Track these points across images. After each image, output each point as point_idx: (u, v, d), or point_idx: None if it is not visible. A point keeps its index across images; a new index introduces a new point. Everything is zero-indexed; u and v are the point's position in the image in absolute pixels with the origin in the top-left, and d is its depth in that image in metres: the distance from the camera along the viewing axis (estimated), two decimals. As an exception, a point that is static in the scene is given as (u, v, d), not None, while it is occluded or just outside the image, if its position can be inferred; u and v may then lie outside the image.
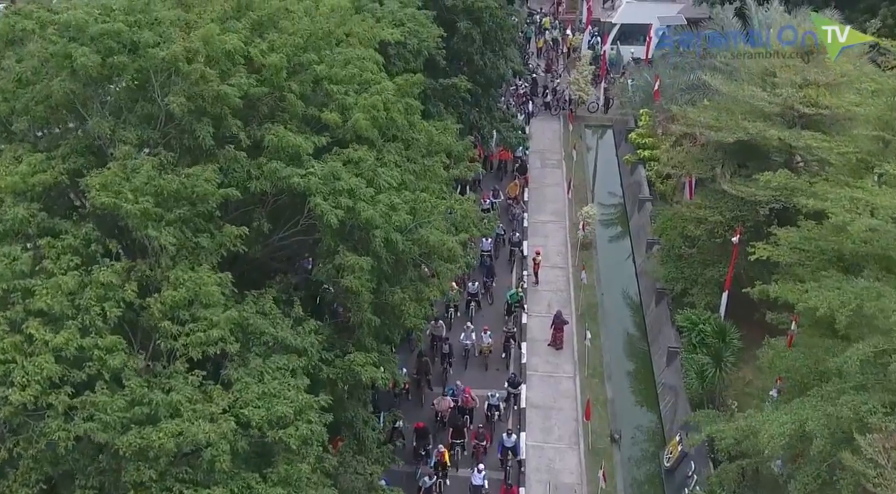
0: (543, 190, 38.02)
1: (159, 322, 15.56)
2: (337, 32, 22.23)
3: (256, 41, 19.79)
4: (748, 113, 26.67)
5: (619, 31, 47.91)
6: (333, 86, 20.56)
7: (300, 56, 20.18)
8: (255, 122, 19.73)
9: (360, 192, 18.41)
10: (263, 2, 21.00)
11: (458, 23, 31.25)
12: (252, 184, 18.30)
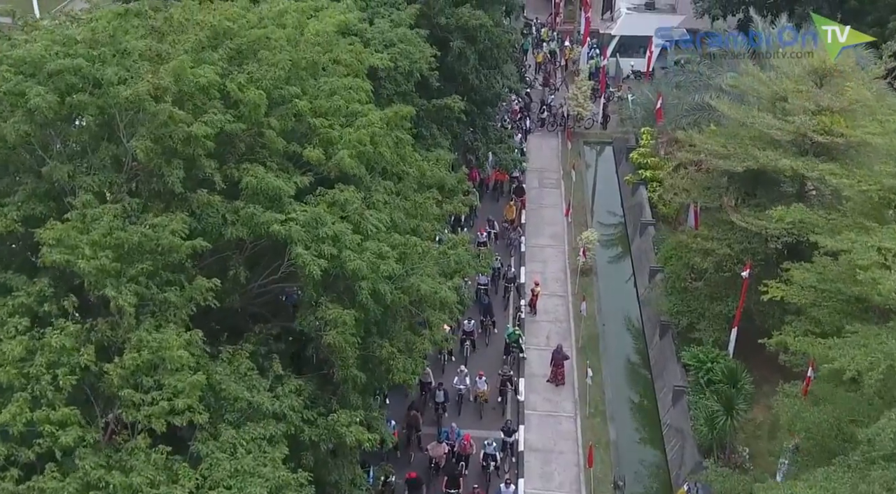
0: (541, 211, 36.57)
1: (119, 390, 14.08)
2: (322, 60, 20.79)
3: (234, 73, 18.34)
4: (757, 139, 25.29)
5: (619, 43, 46.55)
6: (317, 120, 19.12)
7: (281, 89, 18.71)
8: (233, 160, 18.28)
9: (345, 239, 16.95)
10: (242, 30, 19.56)
11: (452, 41, 29.78)
12: (228, 230, 16.83)
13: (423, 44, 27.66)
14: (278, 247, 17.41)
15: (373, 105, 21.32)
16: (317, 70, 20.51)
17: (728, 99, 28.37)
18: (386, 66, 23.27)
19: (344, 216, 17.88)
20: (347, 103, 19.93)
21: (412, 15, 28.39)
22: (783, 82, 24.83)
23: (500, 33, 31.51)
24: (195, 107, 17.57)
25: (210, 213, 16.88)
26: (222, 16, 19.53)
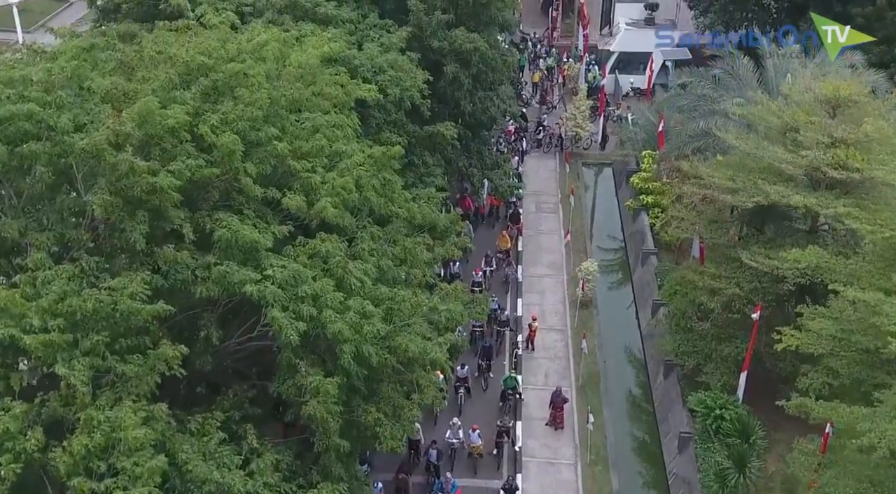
0: (539, 238, 35.16)
1: (68, 479, 12.63)
2: (305, 95, 19.39)
3: (208, 114, 16.91)
4: (766, 171, 23.90)
5: (618, 59, 45.23)
6: (297, 163, 17.71)
7: (259, 130, 17.30)
8: (207, 207, 16.86)
9: (326, 298, 15.53)
10: (219, 64, 18.15)
11: (446, 66, 28.37)
12: (198, 288, 15.39)
13: (415, 69, 26.31)
14: (255, 302, 15.99)
15: (359, 142, 19.98)
16: (299, 105, 19.11)
17: (734, 126, 27.15)
18: (374, 99, 21.85)
19: (326, 269, 16.48)
20: (331, 142, 18.56)
21: (403, 38, 27.05)
22: (794, 113, 23.46)
23: (496, 56, 30.13)
24: (163, 151, 16.16)
25: (178, 270, 15.46)
26: (197, 49, 18.15)
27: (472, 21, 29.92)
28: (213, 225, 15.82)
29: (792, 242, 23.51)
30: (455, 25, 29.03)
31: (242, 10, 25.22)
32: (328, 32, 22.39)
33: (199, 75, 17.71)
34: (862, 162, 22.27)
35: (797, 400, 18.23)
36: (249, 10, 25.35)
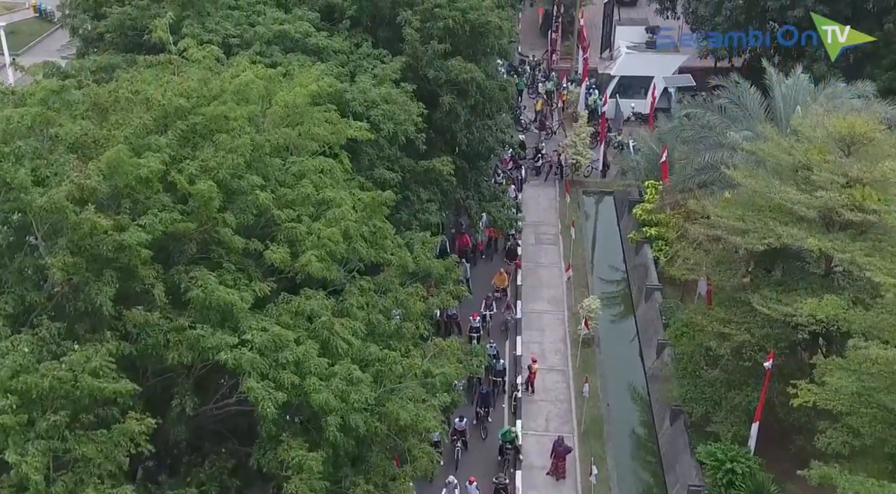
0: (538, 271, 33.98)
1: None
2: (291, 136, 18.27)
3: (186, 162, 15.78)
4: (777, 210, 22.78)
5: (619, 83, 44.24)
6: (282, 212, 16.56)
7: (241, 177, 16.15)
8: (184, 260, 15.70)
9: (310, 365, 14.34)
10: (199, 106, 17.04)
11: (442, 97, 27.28)
12: (170, 354, 14.20)
13: (410, 102, 25.23)
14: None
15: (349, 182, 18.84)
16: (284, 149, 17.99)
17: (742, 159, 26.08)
18: (365, 137, 20.73)
19: (310, 329, 15.30)
20: (318, 189, 17.40)
21: (397, 69, 25.98)
22: (807, 150, 22.35)
23: (494, 86, 29.05)
24: (135, 203, 15.02)
25: (149, 333, 14.27)
26: (175, 91, 17.02)
27: (469, 49, 28.90)
28: (188, 283, 14.65)
29: (805, 285, 22.38)
30: (451, 54, 28.00)
31: (229, 41, 24.14)
32: (317, 68, 21.23)
33: (176, 119, 16.57)
34: (879, 202, 21.17)
35: (820, 471, 16.98)
36: (237, 42, 24.26)
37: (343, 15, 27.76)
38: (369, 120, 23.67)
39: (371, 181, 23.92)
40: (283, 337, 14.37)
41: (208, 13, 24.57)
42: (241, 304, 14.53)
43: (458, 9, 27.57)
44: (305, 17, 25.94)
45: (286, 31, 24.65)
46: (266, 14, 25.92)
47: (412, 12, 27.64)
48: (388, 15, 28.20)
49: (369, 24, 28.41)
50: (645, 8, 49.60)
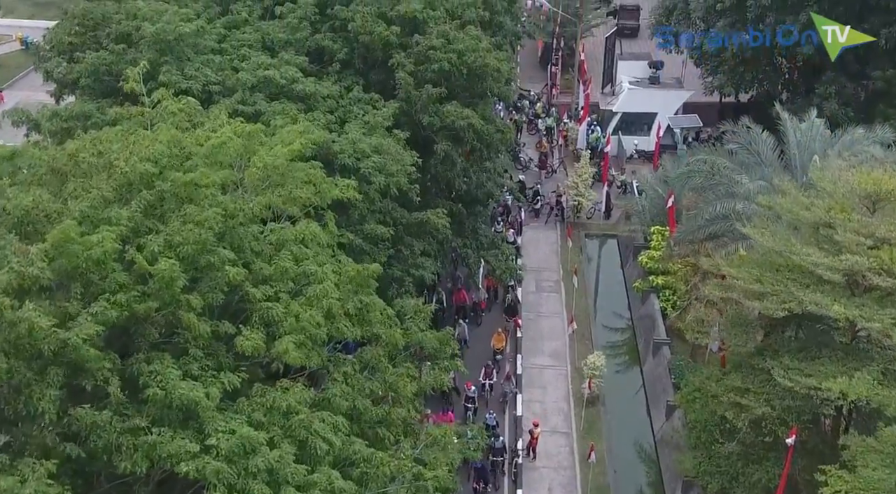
0: (539, 323, 32.29)
1: None
2: (272, 200, 16.70)
3: (147, 238, 14.18)
4: (797, 270, 21.15)
5: (621, 120, 42.82)
6: (257, 290, 14.92)
7: (211, 252, 14.53)
8: (145, 346, 14.05)
9: (285, 473, 12.64)
10: (166, 171, 15.47)
11: (437, 144, 25.75)
12: (122, 462, 12.50)
13: (402, 151, 23.71)
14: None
15: (332, 255, 17.21)
16: (261, 218, 16.41)
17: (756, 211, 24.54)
18: (353, 197, 19.15)
19: (286, 427, 13.61)
20: (298, 262, 15.78)
21: (389, 116, 24.48)
22: (828, 206, 20.77)
23: (491, 130, 27.49)
24: (88, 285, 13.39)
25: (99, 435, 12.58)
26: (142, 155, 15.45)
27: (466, 92, 27.44)
28: (146, 378, 12.99)
29: (829, 353, 20.70)
30: (447, 98, 26.53)
31: (210, 88, 22.63)
32: (301, 123, 19.72)
33: (142, 186, 15.00)
34: (909, 265, 19.57)
35: None
36: (218, 89, 22.74)
37: (333, 57, 26.34)
38: (359, 172, 22.19)
39: (361, 236, 22.43)
40: (253, 440, 12.67)
41: (188, 58, 23.09)
42: (206, 402, 12.86)
43: (454, 51, 26.10)
44: (292, 61, 24.46)
45: (271, 78, 23.15)
46: (251, 58, 24.45)
47: (405, 54, 26.21)
48: (380, 57, 26.76)
49: (360, 66, 26.97)
50: (647, 41, 48.36)
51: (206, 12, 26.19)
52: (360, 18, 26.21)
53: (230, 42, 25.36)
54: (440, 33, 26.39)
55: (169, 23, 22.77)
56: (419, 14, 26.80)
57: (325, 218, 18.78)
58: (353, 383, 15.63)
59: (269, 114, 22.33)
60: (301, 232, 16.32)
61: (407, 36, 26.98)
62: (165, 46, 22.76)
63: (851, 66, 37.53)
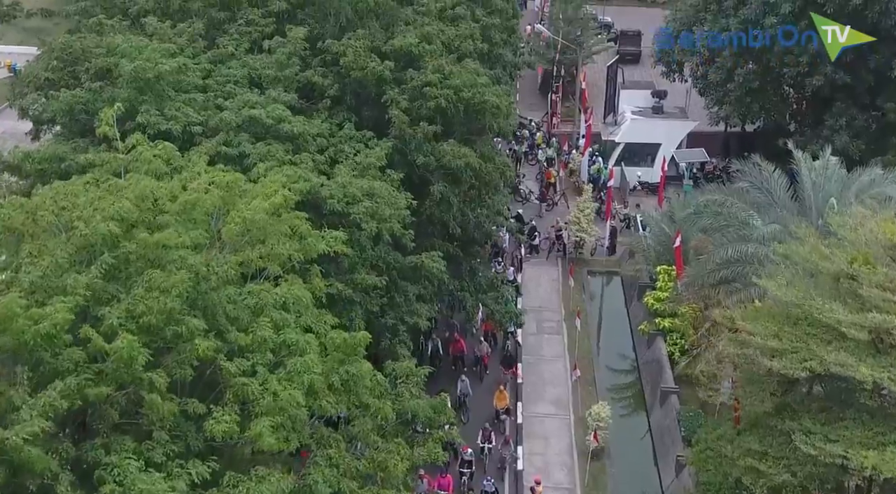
0: (540, 367, 30.81)
1: None
2: (251, 258, 15.34)
3: (107, 310, 12.79)
4: (818, 324, 19.74)
5: (624, 151, 41.59)
6: (231, 364, 13.51)
7: (177, 324, 13.14)
8: (105, 428, 12.62)
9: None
10: (135, 228, 14.12)
11: (433, 185, 24.43)
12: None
13: (396, 193, 22.38)
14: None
15: (317, 319, 15.79)
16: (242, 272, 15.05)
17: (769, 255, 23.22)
18: (340, 250, 17.79)
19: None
20: (278, 329, 14.37)
21: (382, 156, 23.17)
22: (852, 260, 19.39)
23: (491, 169, 26.20)
24: (37, 365, 11.98)
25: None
26: (107, 213, 14.09)
27: (463, 127, 26.18)
28: (101, 472, 11.55)
29: (853, 415, 19.27)
30: (444, 135, 25.27)
31: (191, 129, 21.32)
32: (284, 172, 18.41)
33: (104, 248, 13.63)
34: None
35: None
36: (199, 130, 21.43)
37: (323, 94, 25.09)
38: (349, 219, 20.86)
39: (351, 286, 21.06)
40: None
41: (169, 97, 21.79)
42: (168, 501, 11.43)
43: (451, 86, 24.90)
44: (280, 99, 23.19)
45: (257, 117, 21.85)
46: (237, 96, 23.19)
47: (399, 91, 24.98)
48: (373, 92, 25.54)
49: (352, 102, 25.73)
50: (650, 69, 47.30)
51: (191, 46, 24.97)
52: (351, 53, 25.04)
53: (215, 78, 24.12)
54: (436, 68, 25.21)
55: (148, 60, 21.50)
56: (414, 48, 25.66)
57: (311, 272, 17.49)
58: (339, 462, 14.18)
59: (253, 157, 21.04)
60: (283, 295, 14.94)
61: (401, 70, 25.82)
62: (144, 84, 21.47)
63: (862, 97, 36.40)
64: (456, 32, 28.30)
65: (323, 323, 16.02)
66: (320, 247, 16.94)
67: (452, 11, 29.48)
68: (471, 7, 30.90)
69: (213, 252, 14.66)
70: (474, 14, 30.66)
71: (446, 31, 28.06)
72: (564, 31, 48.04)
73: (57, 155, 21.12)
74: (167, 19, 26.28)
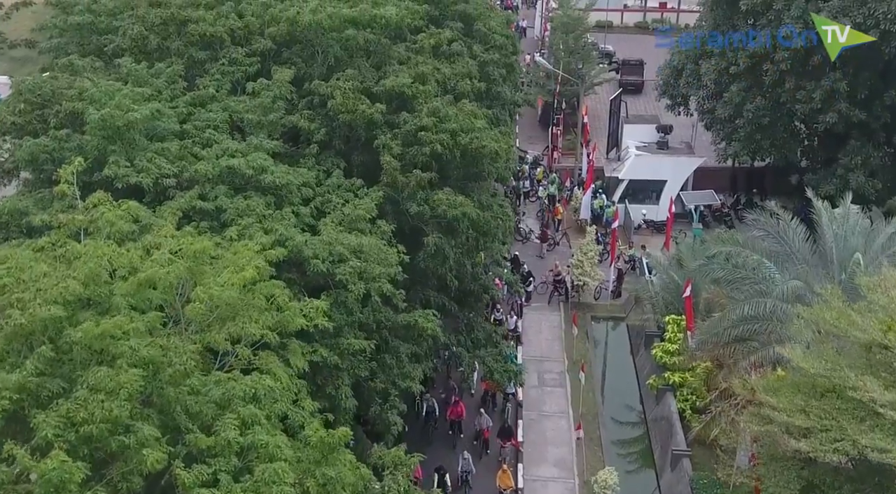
0: (542, 424, 28.92)
1: None
2: (217, 339, 13.60)
3: (39, 418, 11.03)
4: (848, 399, 17.99)
5: (628, 188, 39.96)
6: (188, 473, 11.72)
7: (125, 433, 11.35)
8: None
9: None
10: (73, 318, 12.39)
11: (427, 236, 22.71)
12: None
13: (386, 249, 20.66)
14: None
15: (292, 410, 14.01)
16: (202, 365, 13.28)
17: (789, 312, 21.49)
18: (321, 324, 16.06)
19: None
20: (246, 428, 12.59)
21: (372, 209, 21.48)
22: (886, 328, 17.66)
23: (489, 218, 24.49)
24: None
25: None
26: (49, 295, 12.37)
27: (459, 171, 24.54)
28: None
29: None
30: (440, 181, 23.62)
31: (163, 182, 19.64)
32: (257, 240, 16.72)
33: (44, 337, 11.89)
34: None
35: None
36: (173, 184, 19.75)
37: (311, 138, 23.46)
38: (335, 279, 19.15)
39: (337, 352, 19.30)
40: None
41: (140, 146, 20.13)
42: None
43: (447, 130, 23.29)
44: (262, 146, 21.55)
45: (236, 168, 20.17)
46: (217, 142, 21.54)
47: (392, 135, 23.35)
48: (363, 136, 23.92)
49: (341, 147, 24.10)
50: (653, 101, 45.77)
51: (169, 88, 23.36)
52: (340, 95, 23.43)
53: (194, 122, 22.48)
54: (431, 110, 23.60)
55: (118, 106, 19.87)
56: (407, 89, 24.06)
57: (289, 349, 15.77)
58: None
59: (231, 212, 19.36)
60: (252, 385, 13.15)
61: (394, 112, 24.23)
62: (114, 133, 19.82)
63: (878, 134, 34.87)
64: (452, 71, 26.72)
65: (301, 410, 14.26)
66: (298, 323, 15.21)
67: (448, 48, 27.90)
68: (468, 43, 29.35)
69: (172, 339, 12.89)
70: (471, 50, 29.11)
71: (442, 69, 26.50)
72: (565, 62, 46.58)
73: (18, 209, 19.48)
74: (145, 58, 24.72)
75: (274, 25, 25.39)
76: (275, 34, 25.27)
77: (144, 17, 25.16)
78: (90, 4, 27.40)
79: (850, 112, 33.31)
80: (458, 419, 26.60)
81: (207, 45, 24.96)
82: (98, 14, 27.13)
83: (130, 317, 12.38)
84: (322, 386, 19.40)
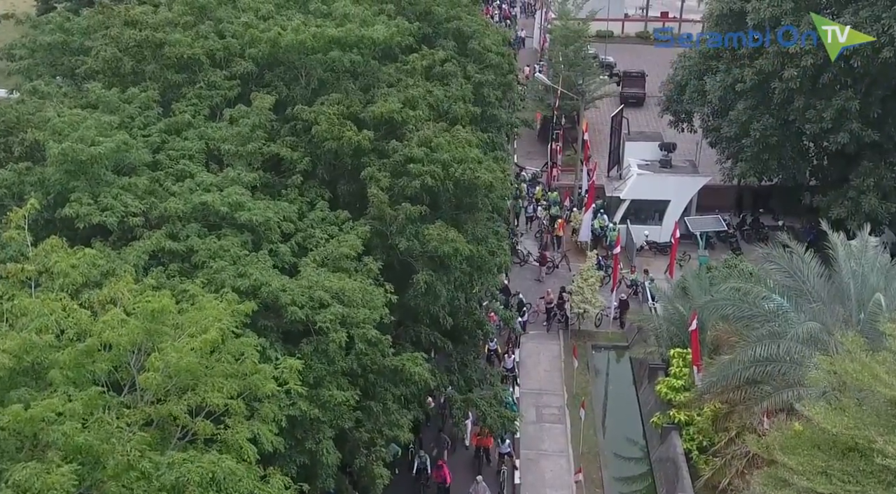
0: (540, 464, 27.40)
1: None
2: (174, 411, 12.12)
3: None
4: (872, 459, 16.52)
5: (630, 208, 38.49)
6: None
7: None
8: None
9: None
10: (16, 385, 10.94)
11: (418, 274, 21.19)
12: None
13: (373, 291, 19.17)
14: None
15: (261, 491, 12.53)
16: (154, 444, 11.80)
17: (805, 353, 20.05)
18: (294, 389, 14.59)
19: None
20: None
21: (358, 246, 19.97)
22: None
23: (483, 253, 22.99)
24: None
25: None
26: None
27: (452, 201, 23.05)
28: None
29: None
30: (432, 212, 22.12)
31: (130, 221, 18.14)
32: (227, 289, 15.26)
33: None
34: None
35: None
36: (140, 222, 18.26)
37: (294, 168, 21.97)
38: (315, 326, 17.68)
39: (316, 404, 17.80)
40: None
41: (106, 181, 18.65)
42: None
43: (438, 161, 21.79)
44: (240, 179, 20.07)
45: (209, 204, 18.70)
46: (191, 175, 20.06)
47: (380, 165, 21.88)
48: (349, 165, 22.45)
49: (326, 176, 22.63)
50: (655, 116, 44.36)
51: (142, 115, 21.90)
52: (325, 121, 21.98)
53: (168, 152, 21.01)
54: (421, 140, 22.13)
55: (82, 139, 18.40)
56: (397, 115, 22.60)
57: (261, 411, 14.30)
58: None
59: (202, 254, 17.88)
60: (210, 468, 11.66)
61: (382, 139, 22.77)
62: (77, 167, 18.34)
63: (891, 154, 33.41)
64: (445, 93, 25.26)
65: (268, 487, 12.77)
66: (268, 388, 13.71)
67: (441, 68, 26.45)
68: (462, 62, 27.89)
69: (117, 421, 11.38)
70: (465, 70, 27.64)
71: (434, 91, 25.03)
72: (564, 75, 45.17)
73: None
74: (119, 81, 23.28)
75: (255, 46, 23.95)
76: (256, 56, 23.84)
77: (118, 38, 23.70)
78: (62, 23, 25.96)
79: (862, 132, 31.91)
80: (443, 483, 24.55)
81: (185, 66, 23.51)
82: (70, 33, 25.68)
83: (68, 396, 10.91)
84: (301, 440, 18.00)
